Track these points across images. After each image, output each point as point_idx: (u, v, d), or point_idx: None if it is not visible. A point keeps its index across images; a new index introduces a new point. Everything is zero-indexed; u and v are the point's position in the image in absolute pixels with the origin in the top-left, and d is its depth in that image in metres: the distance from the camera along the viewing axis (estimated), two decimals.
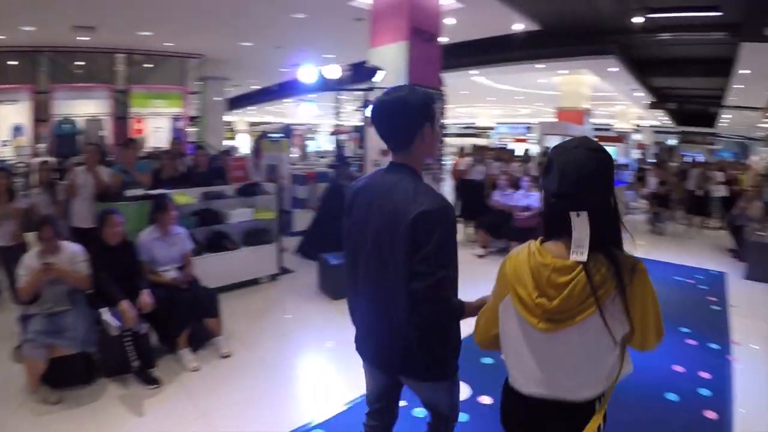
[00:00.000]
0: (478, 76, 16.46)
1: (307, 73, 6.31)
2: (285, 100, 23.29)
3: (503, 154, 10.13)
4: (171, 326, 3.71)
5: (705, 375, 3.81)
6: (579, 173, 1.29)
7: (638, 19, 8.87)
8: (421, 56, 7.04)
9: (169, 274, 3.95)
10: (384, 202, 1.64)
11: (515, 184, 7.75)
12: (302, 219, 7.61)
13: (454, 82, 7.89)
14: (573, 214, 1.29)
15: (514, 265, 1.42)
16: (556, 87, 18.02)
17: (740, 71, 11.70)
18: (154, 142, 12.54)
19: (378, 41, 7.23)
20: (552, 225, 1.40)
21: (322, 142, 28.83)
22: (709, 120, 24.80)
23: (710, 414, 3.28)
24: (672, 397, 3.45)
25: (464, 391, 3.29)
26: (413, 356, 1.66)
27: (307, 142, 24.15)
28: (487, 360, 3.78)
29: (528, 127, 30.46)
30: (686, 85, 17.51)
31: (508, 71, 14.90)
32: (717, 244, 8.64)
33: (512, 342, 1.46)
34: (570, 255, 1.31)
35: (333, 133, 28.45)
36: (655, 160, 19.74)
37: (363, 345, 1.87)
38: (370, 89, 6.62)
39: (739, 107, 18.35)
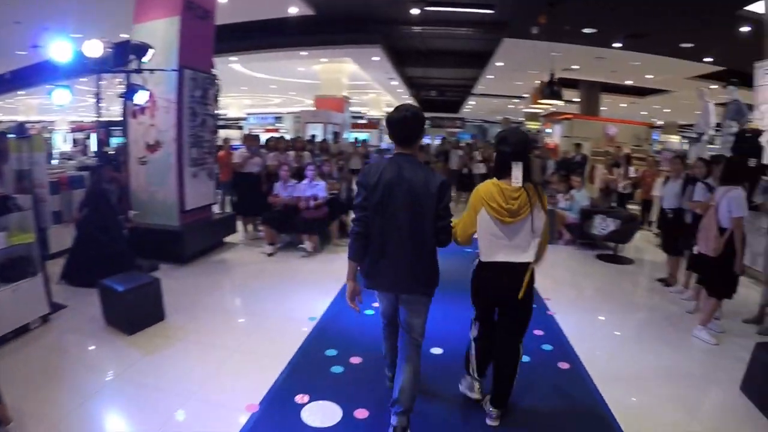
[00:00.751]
0: (236, 64, 15.74)
1: (60, 49, 4.72)
2: (19, 93, 18.94)
3: (279, 143, 9.27)
4: None
5: (539, 332, 4.13)
6: (523, 143, 2.65)
7: (415, 11, 9.34)
8: (193, 35, 6.18)
9: None
10: (412, 175, 2.49)
11: (300, 174, 7.33)
12: (59, 236, 6.02)
13: None
14: (514, 163, 2.55)
15: (485, 191, 2.61)
16: (315, 75, 18.16)
17: (496, 63, 13.44)
18: None
19: (144, 16, 6.10)
20: (501, 170, 2.62)
21: (59, 142, 24.23)
22: (455, 106, 28.42)
23: (563, 364, 3.59)
24: (525, 359, 3.59)
25: (335, 413, 2.92)
26: (424, 276, 2.57)
27: (49, 142, 19.89)
28: (337, 369, 3.49)
29: (277, 117, 30.06)
30: (439, 75, 19.58)
31: (272, 58, 14.52)
32: None
33: (487, 234, 2.62)
34: (512, 183, 2.55)
35: (75, 130, 24.27)
36: None
37: (387, 280, 2.61)
38: (138, 71, 5.51)
39: (488, 95, 21.33)
